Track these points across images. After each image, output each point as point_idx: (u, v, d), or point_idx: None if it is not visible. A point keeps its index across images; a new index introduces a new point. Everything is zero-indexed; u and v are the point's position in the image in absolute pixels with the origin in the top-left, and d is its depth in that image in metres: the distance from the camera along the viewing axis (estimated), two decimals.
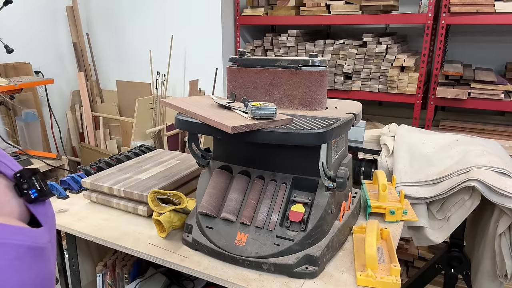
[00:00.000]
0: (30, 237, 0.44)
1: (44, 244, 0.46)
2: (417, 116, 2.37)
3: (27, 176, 0.49)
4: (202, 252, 0.99)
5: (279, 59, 1.07)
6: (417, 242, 1.48)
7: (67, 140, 3.30)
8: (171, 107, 1.07)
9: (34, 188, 0.49)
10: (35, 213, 0.49)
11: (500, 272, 1.36)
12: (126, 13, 3.09)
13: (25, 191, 0.48)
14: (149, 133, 2.75)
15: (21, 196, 0.48)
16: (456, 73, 2.19)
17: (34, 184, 0.49)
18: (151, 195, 1.07)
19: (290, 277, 0.90)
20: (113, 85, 3.27)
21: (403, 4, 2.70)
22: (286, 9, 2.67)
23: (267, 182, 1.01)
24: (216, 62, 2.80)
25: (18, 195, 0.48)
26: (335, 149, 1.05)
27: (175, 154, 1.52)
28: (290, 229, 0.93)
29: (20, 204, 0.48)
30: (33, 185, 0.49)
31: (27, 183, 0.48)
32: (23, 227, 0.45)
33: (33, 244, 0.43)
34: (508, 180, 1.26)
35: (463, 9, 2.11)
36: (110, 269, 1.41)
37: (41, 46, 3.00)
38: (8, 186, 0.48)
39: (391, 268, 0.88)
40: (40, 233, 0.46)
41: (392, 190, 1.26)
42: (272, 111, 0.90)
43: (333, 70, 2.53)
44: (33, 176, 0.50)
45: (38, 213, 0.49)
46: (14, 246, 0.41)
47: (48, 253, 0.47)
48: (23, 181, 0.48)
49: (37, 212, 0.49)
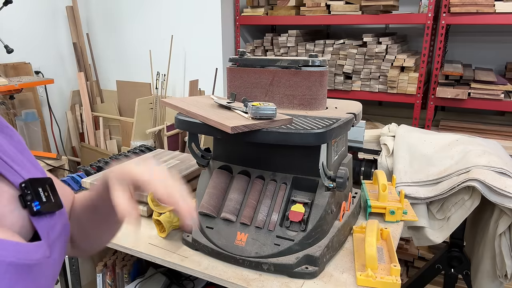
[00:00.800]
0: (16, 252, 0.40)
1: (35, 260, 0.42)
2: (417, 116, 2.37)
3: (34, 187, 0.46)
4: (202, 252, 0.99)
5: (279, 59, 1.07)
6: (417, 242, 1.48)
7: (67, 140, 3.30)
8: (171, 107, 1.07)
9: (38, 200, 0.46)
10: (37, 226, 0.46)
11: (500, 272, 1.36)
12: (126, 13, 3.09)
13: (29, 202, 0.45)
14: (149, 133, 2.75)
15: (24, 208, 0.45)
16: (456, 73, 2.19)
17: (39, 195, 0.46)
18: (151, 195, 1.06)
19: (290, 277, 0.90)
20: (113, 85, 3.27)
21: (403, 4, 2.70)
22: (286, 9, 2.67)
23: (267, 182, 1.01)
24: (216, 62, 2.80)
25: (22, 206, 0.45)
26: (335, 149, 1.05)
27: (175, 154, 1.52)
28: (290, 229, 0.93)
29: (24, 216, 0.45)
30: (37, 197, 0.46)
31: (31, 195, 0.45)
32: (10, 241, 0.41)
33: (18, 261, 0.40)
34: (508, 180, 1.26)
35: (463, 9, 2.11)
36: (110, 269, 1.41)
37: (41, 46, 3.00)
38: (13, 196, 0.45)
39: (391, 268, 0.88)
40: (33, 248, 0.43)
41: (392, 190, 1.26)
42: (272, 111, 0.89)
43: (333, 70, 2.53)
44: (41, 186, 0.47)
45: (40, 226, 0.46)
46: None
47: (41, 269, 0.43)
48: (27, 192, 0.45)
49: (39, 225, 0.46)
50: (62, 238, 0.50)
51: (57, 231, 0.49)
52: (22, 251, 0.41)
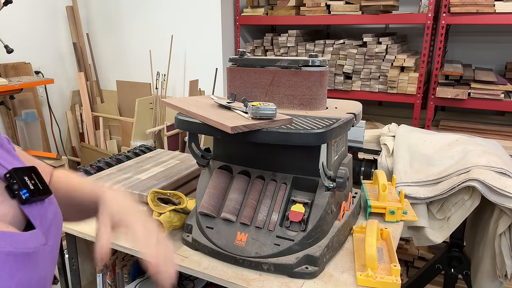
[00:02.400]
0: (13, 242, 0.40)
1: (32, 249, 0.43)
2: (417, 116, 2.37)
3: (19, 176, 0.45)
4: (202, 252, 0.99)
5: (279, 59, 1.07)
6: (417, 242, 1.48)
7: (67, 140, 3.30)
8: (171, 107, 1.07)
9: (25, 188, 0.45)
10: (29, 214, 0.45)
11: (500, 272, 1.36)
12: (126, 13, 3.09)
13: (16, 191, 0.45)
14: (149, 133, 2.75)
15: (13, 198, 0.45)
16: (456, 73, 2.19)
17: (26, 184, 0.45)
18: (151, 195, 1.07)
19: (290, 277, 0.90)
20: (113, 85, 3.27)
21: (403, 4, 2.70)
22: (286, 9, 2.67)
23: (267, 182, 1.01)
24: (216, 62, 2.80)
25: (11, 197, 0.45)
26: (335, 149, 1.05)
27: (175, 154, 1.52)
28: (290, 229, 0.93)
29: (14, 206, 0.45)
30: (24, 185, 0.45)
31: (17, 184, 0.45)
32: (5, 231, 0.41)
33: (16, 250, 0.40)
34: (508, 180, 1.26)
35: (463, 9, 2.11)
36: (110, 269, 1.41)
37: (41, 46, 3.00)
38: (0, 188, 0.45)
39: (391, 268, 0.88)
40: (28, 237, 0.43)
41: (392, 190, 1.26)
42: (272, 111, 0.89)
43: (333, 70, 2.53)
44: (26, 175, 0.46)
45: (32, 214, 0.46)
46: None
47: (39, 257, 0.44)
48: (13, 182, 0.45)
49: (31, 213, 0.46)
50: (55, 224, 0.50)
51: (50, 218, 0.49)
52: (19, 240, 0.42)
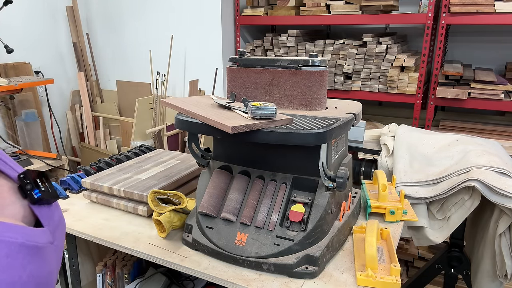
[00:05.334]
0: (25, 234, 0.42)
1: (42, 243, 0.45)
2: (417, 116, 2.37)
3: (31, 177, 0.48)
4: (202, 252, 0.99)
5: (279, 59, 1.07)
6: (417, 242, 1.48)
7: (67, 140, 3.30)
8: (171, 107, 1.07)
9: (37, 188, 0.47)
10: (38, 214, 0.47)
11: (500, 272, 1.36)
12: (126, 13, 3.09)
13: (29, 191, 0.47)
14: (149, 133, 2.75)
15: (25, 198, 0.47)
16: (456, 73, 2.19)
17: (38, 185, 0.48)
18: (151, 195, 1.07)
19: (290, 277, 0.90)
20: (113, 85, 3.27)
21: (403, 4, 2.70)
22: (286, 9, 2.67)
23: (267, 182, 1.01)
24: (216, 62, 2.81)
25: (23, 197, 0.47)
26: (335, 149, 1.05)
27: (175, 154, 1.52)
28: (290, 229, 0.93)
29: (25, 206, 0.47)
30: (37, 186, 0.48)
31: (30, 184, 0.47)
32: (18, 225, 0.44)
33: (27, 242, 0.42)
34: (508, 180, 1.26)
35: (463, 9, 2.11)
36: (110, 269, 1.41)
37: (41, 46, 3.00)
38: (12, 188, 0.47)
39: (391, 268, 0.88)
40: (38, 233, 0.45)
41: (392, 190, 1.26)
42: (272, 111, 0.90)
43: (333, 70, 2.53)
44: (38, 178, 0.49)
45: (41, 215, 0.48)
46: (5, 243, 0.40)
47: (47, 253, 0.46)
48: (27, 182, 0.47)
49: (40, 214, 0.48)
50: (60, 227, 0.52)
51: (56, 220, 0.51)
52: (31, 234, 0.44)
